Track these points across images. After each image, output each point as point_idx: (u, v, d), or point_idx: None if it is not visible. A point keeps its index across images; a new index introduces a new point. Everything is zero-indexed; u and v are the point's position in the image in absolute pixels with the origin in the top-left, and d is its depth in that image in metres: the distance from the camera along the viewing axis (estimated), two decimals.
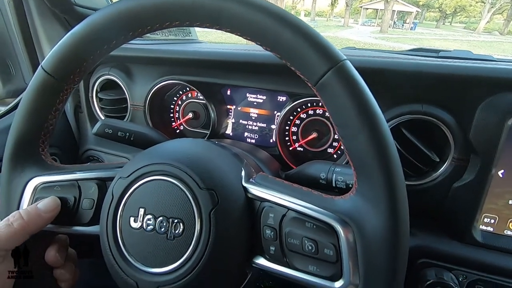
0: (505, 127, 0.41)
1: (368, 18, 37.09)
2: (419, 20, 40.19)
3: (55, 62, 0.34)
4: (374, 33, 19.20)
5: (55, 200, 0.37)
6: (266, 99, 0.63)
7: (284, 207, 0.31)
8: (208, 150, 0.37)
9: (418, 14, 38.26)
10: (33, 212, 0.36)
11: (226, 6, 0.28)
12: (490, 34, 26.33)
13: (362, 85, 0.26)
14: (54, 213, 0.37)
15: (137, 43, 0.62)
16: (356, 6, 37.66)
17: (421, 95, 0.46)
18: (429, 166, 0.47)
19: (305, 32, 0.27)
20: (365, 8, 36.82)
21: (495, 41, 18.61)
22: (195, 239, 0.30)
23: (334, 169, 0.43)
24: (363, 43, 12.53)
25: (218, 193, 0.31)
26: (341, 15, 42.75)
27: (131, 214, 0.32)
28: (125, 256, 0.32)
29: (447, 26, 38.22)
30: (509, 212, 0.44)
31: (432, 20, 44.96)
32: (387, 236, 0.26)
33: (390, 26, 23.86)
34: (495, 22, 34.96)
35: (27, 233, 0.35)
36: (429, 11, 44.40)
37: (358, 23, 32.40)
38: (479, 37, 20.86)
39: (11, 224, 0.34)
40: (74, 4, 0.54)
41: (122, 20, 0.32)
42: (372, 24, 31.19)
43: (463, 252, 0.45)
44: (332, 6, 39.68)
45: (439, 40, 16.28)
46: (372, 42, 12.88)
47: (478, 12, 35.29)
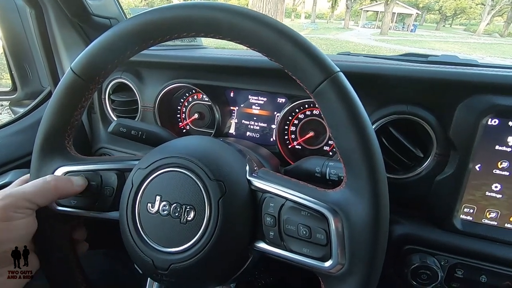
0: (480, 125, 0.45)
1: (369, 20, 37.09)
2: (419, 22, 40.17)
3: (83, 65, 0.38)
4: (374, 35, 19.21)
5: (83, 179, 0.42)
6: (266, 100, 0.67)
7: (283, 198, 0.35)
8: (217, 146, 0.42)
9: (418, 16, 38.26)
10: (66, 179, 0.40)
11: (237, 21, 0.32)
12: (490, 36, 26.29)
13: (352, 93, 0.31)
14: (81, 188, 0.41)
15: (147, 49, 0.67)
16: (357, 8, 37.68)
17: (406, 97, 0.50)
18: (414, 161, 0.51)
19: (305, 46, 0.31)
20: (365, 10, 36.84)
21: (495, 43, 18.61)
22: (204, 224, 0.34)
23: (328, 164, 0.47)
24: (363, 45, 12.56)
25: (225, 184, 0.35)
26: (342, 17, 42.75)
27: (149, 201, 0.36)
28: (143, 237, 0.36)
29: (447, 28, 38.18)
30: (486, 202, 0.48)
31: (432, 22, 44.92)
32: (370, 222, 0.30)
33: (390, 28, 23.89)
34: (495, 24, 34.91)
35: (57, 195, 0.39)
36: (429, 13, 44.38)
37: (359, 25, 32.42)
38: (479, 39, 20.84)
39: (48, 181, 0.39)
40: (92, 14, 0.59)
41: (143, 30, 0.36)
42: (372, 26, 31.20)
43: (445, 239, 0.49)
44: (332, 8, 39.76)
45: (439, 42, 16.27)
46: (372, 44, 12.90)
47: (478, 14, 35.26)
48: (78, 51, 0.69)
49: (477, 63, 0.68)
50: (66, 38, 0.65)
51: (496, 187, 0.47)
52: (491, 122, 0.45)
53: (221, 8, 0.33)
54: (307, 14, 43.26)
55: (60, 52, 0.68)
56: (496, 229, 0.48)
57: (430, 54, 0.74)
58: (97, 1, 0.61)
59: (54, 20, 0.63)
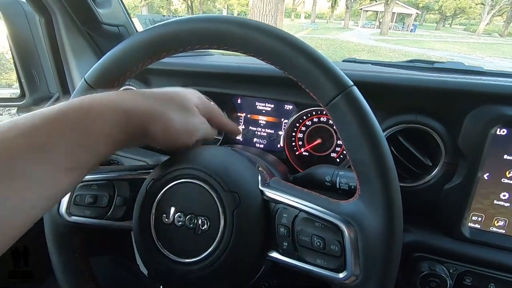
0: (489, 135, 0.45)
1: (368, 20, 37.11)
2: (419, 22, 40.20)
3: (97, 76, 0.39)
4: (374, 35, 19.22)
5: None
6: (273, 107, 0.67)
7: (296, 209, 0.35)
8: (229, 156, 0.42)
9: (418, 16, 38.28)
10: None
11: (251, 35, 0.33)
12: (490, 36, 26.32)
13: (366, 108, 0.31)
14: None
15: None
16: (356, 8, 37.69)
17: (415, 106, 0.50)
18: (423, 169, 0.51)
19: (319, 60, 0.32)
20: (365, 10, 36.85)
21: (494, 43, 18.64)
22: (219, 235, 0.34)
23: (338, 173, 0.47)
24: (363, 45, 12.57)
25: (240, 195, 0.35)
26: (341, 17, 42.76)
27: (163, 212, 0.37)
28: (158, 248, 0.36)
29: (447, 28, 38.22)
30: (494, 211, 0.48)
31: (432, 22, 44.95)
32: (384, 235, 0.30)
33: (390, 28, 23.90)
34: (495, 24, 34.94)
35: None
36: (429, 13, 44.41)
37: (358, 25, 32.42)
38: (478, 39, 20.88)
39: None
40: (102, 23, 0.59)
41: (157, 42, 0.36)
42: (372, 26, 31.22)
43: (454, 247, 0.49)
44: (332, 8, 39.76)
45: (439, 42, 16.30)
46: (372, 44, 12.92)
47: (478, 14, 35.28)
48: (87, 58, 0.70)
49: (483, 70, 0.69)
50: (75, 45, 0.66)
51: (504, 196, 0.47)
52: (499, 132, 0.45)
53: (235, 21, 0.34)
54: (307, 14, 43.28)
55: (69, 59, 0.68)
56: (505, 237, 0.48)
57: (436, 61, 0.74)
58: (106, 9, 0.62)
59: (63, 27, 0.64)
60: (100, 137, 0.30)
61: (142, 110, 0.34)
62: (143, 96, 0.35)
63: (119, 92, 0.34)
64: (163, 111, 0.36)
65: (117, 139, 0.32)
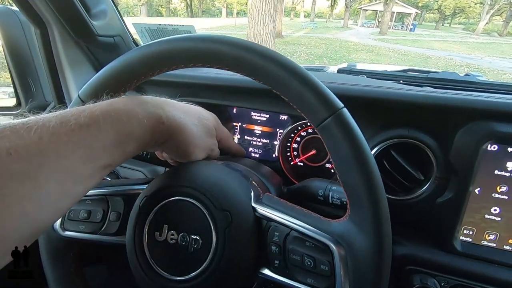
0: (480, 150, 0.46)
1: (368, 20, 37.11)
2: (418, 22, 40.21)
3: (91, 92, 0.39)
4: (374, 34, 19.22)
5: None
6: (269, 117, 0.68)
7: (287, 227, 0.36)
8: (222, 174, 0.42)
9: (417, 15, 38.29)
10: None
11: (244, 56, 0.33)
12: (489, 35, 26.37)
13: (356, 131, 0.32)
14: None
15: None
16: (356, 8, 37.66)
17: (407, 120, 0.51)
18: (415, 183, 0.52)
19: (310, 82, 0.32)
20: (364, 10, 36.84)
21: (493, 42, 18.66)
22: (211, 253, 0.35)
23: (331, 188, 0.48)
24: (363, 44, 12.57)
25: (232, 213, 0.36)
26: (341, 16, 42.74)
27: (156, 229, 0.37)
28: (150, 265, 0.37)
29: (446, 27, 38.26)
30: (485, 225, 0.49)
31: (431, 22, 44.97)
32: (373, 257, 0.31)
33: (389, 28, 23.90)
34: (494, 24, 35.00)
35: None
36: (428, 12, 44.42)
37: (358, 25, 32.43)
38: (478, 39, 20.91)
39: None
40: (97, 35, 0.59)
41: (151, 61, 0.36)
42: (371, 26, 31.21)
43: (445, 260, 0.50)
44: (331, 8, 39.73)
45: (438, 42, 16.30)
46: (371, 44, 12.92)
47: (477, 14, 35.31)
48: (83, 68, 0.71)
49: (476, 80, 0.69)
50: (71, 56, 0.66)
51: (495, 210, 0.48)
52: (490, 148, 0.46)
53: (228, 42, 0.34)
54: (306, 13, 43.23)
55: (65, 69, 0.68)
56: (495, 251, 0.49)
57: (430, 70, 0.75)
58: (101, 21, 0.62)
59: (59, 39, 0.64)
60: (133, 138, 0.32)
61: (173, 119, 0.37)
62: (175, 107, 0.39)
63: (154, 98, 0.37)
64: (189, 125, 0.40)
65: (145, 142, 0.34)
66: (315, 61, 8.22)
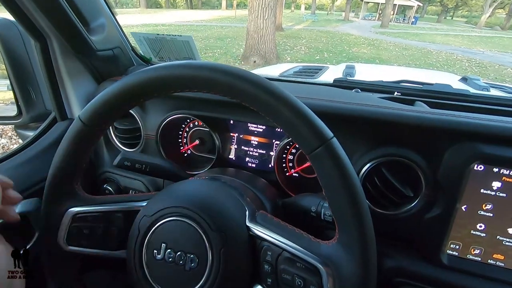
0: (467, 170, 0.47)
1: (369, 12, 36.69)
2: (420, 14, 39.77)
3: (91, 114, 0.40)
4: (375, 27, 19.03)
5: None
6: (265, 128, 0.69)
7: (279, 248, 0.38)
8: (218, 193, 0.44)
9: (419, 8, 37.83)
10: None
11: (236, 83, 0.35)
12: (492, 29, 26.13)
13: (345, 160, 0.33)
14: None
15: None
16: (357, 0, 37.22)
17: (398, 139, 0.52)
18: (404, 199, 0.53)
19: (302, 112, 0.34)
20: (366, 2, 36.38)
21: (496, 36, 18.50)
22: (207, 271, 0.37)
23: (323, 204, 0.50)
24: (364, 38, 12.46)
25: (227, 233, 0.38)
26: (342, 9, 42.23)
27: (155, 248, 0.39)
28: (150, 282, 0.39)
29: (449, 20, 37.88)
30: (471, 240, 0.51)
31: (433, 14, 44.50)
32: (358, 279, 0.33)
33: (391, 21, 23.66)
34: (496, 17, 34.64)
35: None
36: (430, 5, 43.89)
37: (359, 17, 32.07)
38: (480, 32, 20.73)
39: None
40: (96, 51, 0.60)
41: (149, 86, 0.38)
42: (372, 18, 30.87)
43: (432, 273, 0.52)
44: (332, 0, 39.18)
45: (440, 36, 16.15)
46: (372, 37, 12.82)
47: (480, 7, 34.89)
48: (82, 79, 0.72)
49: (468, 93, 0.71)
50: (71, 68, 0.67)
51: (481, 227, 0.50)
52: (477, 168, 0.48)
53: (222, 70, 0.35)
54: (307, 5, 42.70)
55: (65, 79, 0.69)
56: (480, 265, 0.51)
57: (425, 82, 0.76)
58: (100, 35, 0.63)
59: (58, 51, 0.64)
60: None
61: None
62: None
63: None
64: None
65: None
66: (315, 55, 8.18)
